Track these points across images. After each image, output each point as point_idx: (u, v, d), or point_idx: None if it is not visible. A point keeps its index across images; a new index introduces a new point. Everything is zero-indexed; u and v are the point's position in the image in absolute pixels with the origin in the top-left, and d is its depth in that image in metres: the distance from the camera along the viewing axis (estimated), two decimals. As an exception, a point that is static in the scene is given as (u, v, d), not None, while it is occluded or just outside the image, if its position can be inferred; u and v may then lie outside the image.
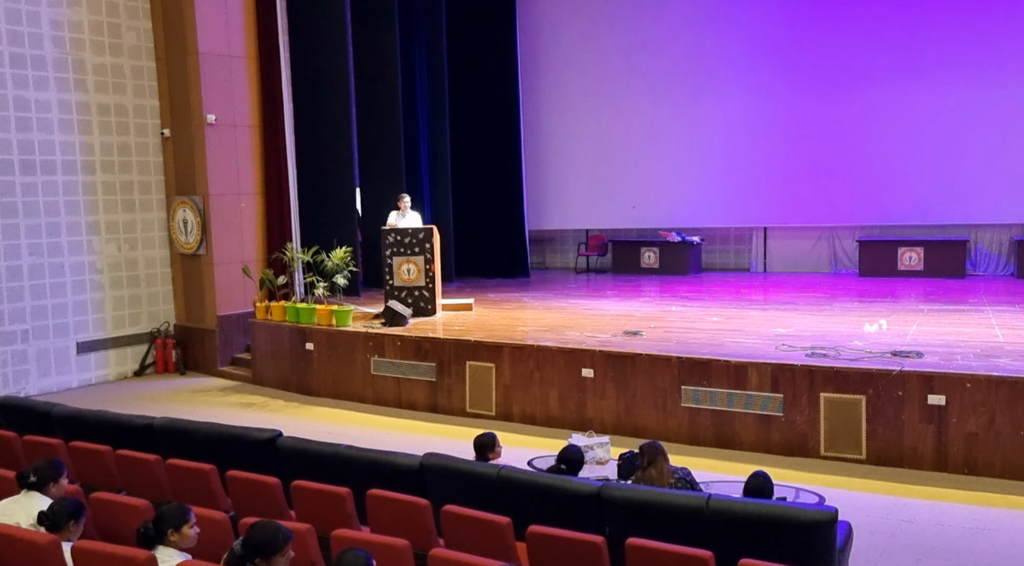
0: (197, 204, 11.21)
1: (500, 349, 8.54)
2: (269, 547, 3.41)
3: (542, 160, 15.74)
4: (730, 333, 8.75)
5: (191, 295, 11.68)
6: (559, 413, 8.20)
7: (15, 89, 10.14)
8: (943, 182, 12.87)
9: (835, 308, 10.30)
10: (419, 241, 10.17)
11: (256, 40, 11.59)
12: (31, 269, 10.34)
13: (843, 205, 13.56)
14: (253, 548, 3.41)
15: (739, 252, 15.00)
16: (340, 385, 9.71)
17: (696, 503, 4.20)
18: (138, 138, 11.45)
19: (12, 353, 10.17)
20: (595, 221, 15.64)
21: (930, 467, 6.64)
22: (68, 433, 5.99)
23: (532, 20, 15.41)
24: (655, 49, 14.65)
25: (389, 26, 13.19)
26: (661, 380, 7.66)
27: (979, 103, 12.57)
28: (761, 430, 7.23)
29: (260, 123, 11.69)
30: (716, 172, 14.32)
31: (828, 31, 13.38)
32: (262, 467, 5.10)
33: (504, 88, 14.89)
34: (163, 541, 3.68)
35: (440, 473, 4.90)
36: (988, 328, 8.55)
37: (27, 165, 10.29)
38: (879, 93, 13.15)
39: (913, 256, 12.92)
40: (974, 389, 6.50)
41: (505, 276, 14.77)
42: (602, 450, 6.74)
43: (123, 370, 11.37)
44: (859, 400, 6.84)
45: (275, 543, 3.43)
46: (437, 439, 7.90)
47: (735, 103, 14.12)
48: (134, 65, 11.36)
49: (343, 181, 12.45)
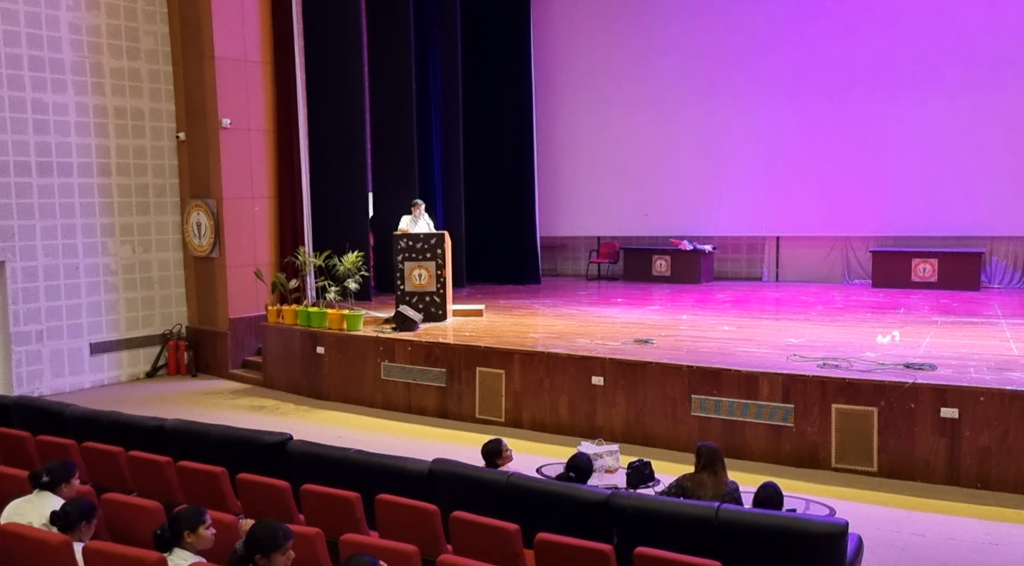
0: (211, 207, 11.28)
1: (510, 355, 8.54)
2: (271, 542, 3.47)
3: (554, 167, 15.75)
4: (741, 342, 8.72)
5: (203, 298, 11.74)
6: (569, 420, 8.19)
7: (33, 92, 10.24)
8: (958, 193, 12.77)
9: (847, 319, 10.25)
10: (431, 246, 10.19)
11: (272, 45, 11.67)
12: (46, 270, 10.43)
13: (856, 215, 13.49)
14: (255, 544, 3.47)
15: (751, 261, 14.94)
16: (350, 389, 9.73)
17: (706, 513, 4.19)
18: (154, 141, 11.54)
19: (27, 353, 10.25)
20: (607, 228, 15.63)
21: (942, 481, 6.59)
22: (81, 434, 6.03)
23: (546, 28, 15.45)
24: (669, 57, 14.65)
25: (404, 33, 13.26)
26: (671, 389, 7.64)
27: (995, 114, 12.48)
28: (771, 440, 7.20)
29: (275, 127, 11.76)
30: (729, 180, 14.29)
31: (845, 41, 13.33)
32: (272, 470, 5.12)
33: (517, 95, 14.92)
34: (179, 543, 3.71)
35: (449, 479, 4.91)
36: (1002, 341, 8.48)
37: (44, 167, 10.38)
38: (895, 103, 13.08)
39: (927, 267, 12.84)
40: (988, 402, 6.45)
41: (516, 282, 14.77)
42: (611, 458, 6.74)
43: (135, 371, 11.44)
44: (871, 412, 6.80)
45: (276, 540, 3.49)
46: (446, 445, 7.91)
47: (748, 111, 14.09)
48: (151, 69, 11.46)
49: (356, 186, 12.50)
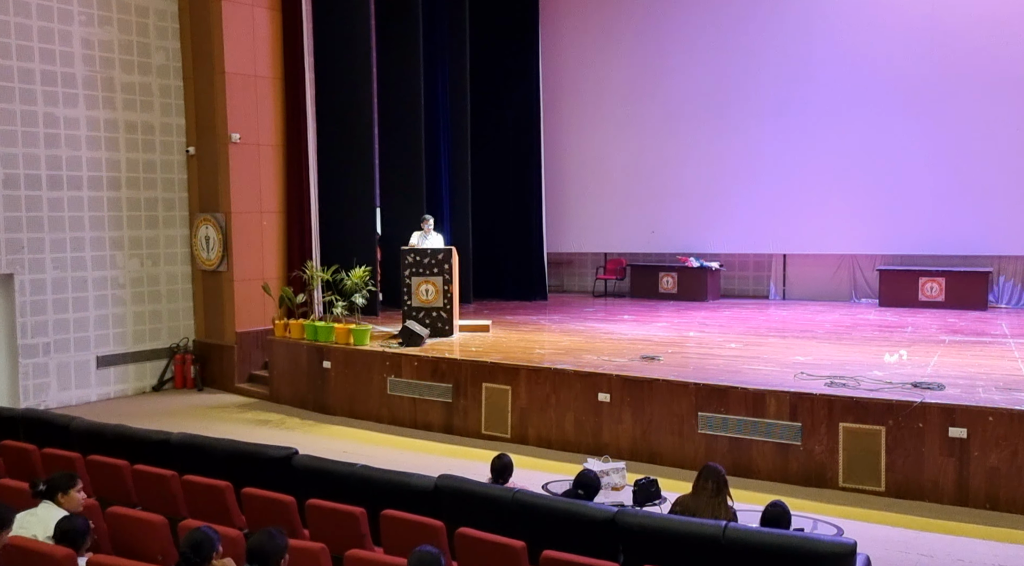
0: (219, 221, 11.33)
1: (517, 371, 8.53)
2: (274, 556, 3.51)
3: (561, 183, 15.80)
4: (748, 360, 8.69)
5: (211, 311, 11.77)
6: (575, 437, 8.16)
7: (45, 106, 10.33)
8: (966, 212, 12.75)
9: (855, 337, 10.21)
10: (438, 262, 10.21)
11: (282, 61, 11.76)
12: (54, 283, 10.47)
13: (864, 233, 13.47)
14: (256, 554, 3.49)
15: (758, 279, 14.92)
16: (356, 404, 9.72)
17: (712, 531, 4.16)
18: (163, 156, 11.61)
19: (33, 366, 10.28)
20: (613, 245, 15.64)
21: (951, 501, 6.54)
22: (86, 447, 6.02)
23: (554, 45, 15.54)
24: (677, 75, 14.72)
25: (413, 50, 13.35)
26: (678, 406, 7.62)
27: (1004, 134, 12.47)
28: (779, 459, 7.16)
29: (283, 142, 11.83)
30: (736, 198, 14.30)
31: (851, 60, 13.37)
32: (277, 485, 5.11)
33: (525, 111, 15.00)
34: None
35: (455, 495, 4.89)
36: (1011, 361, 8.44)
37: (54, 180, 10.45)
38: (902, 122, 13.09)
39: (934, 286, 12.80)
40: (996, 422, 6.41)
41: (523, 298, 14.78)
42: (617, 476, 6.70)
43: (142, 385, 11.45)
44: (879, 431, 6.76)
45: (277, 552, 3.53)
46: (452, 460, 7.88)
47: (756, 129, 14.12)
48: (162, 84, 11.55)
49: (364, 201, 12.55)
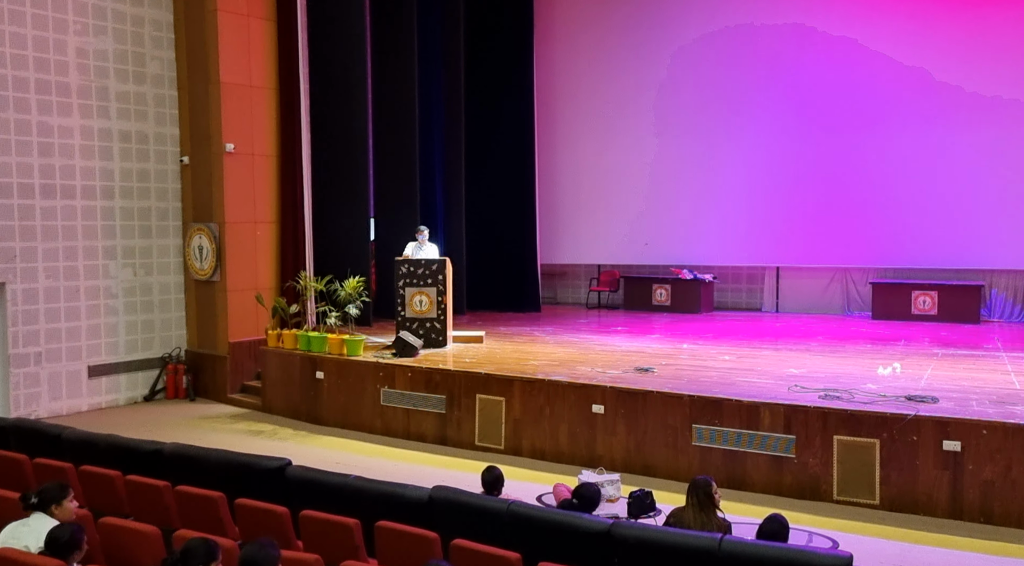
0: (213, 231, 11.30)
1: (510, 383, 8.51)
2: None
3: (555, 195, 15.82)
4: (742, 372, 8.70)
5: (204, 321, 11.72)
6: (569, 448, 8.14)
7: (39, 115, 10.31)
8: (959, 226, 12.82)
9: (848, 350, 10.23)
10: (432, 273, 10.20)
11: (277, 71, 11.77)
12: (47, 292, 10.42)
13: (857, 247, 13.53)
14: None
15: (751, 291, 14.96)
16: (349, 415, 9.68)
17: (708, 545, 4.15)
18: (157, 165, 11.59)
19: (24, 375, 10.21)
20: (607, 257, 15.66)
21: (945, 514, 6.54)
22: (78, 457, 5.98)
23: (549, 58, 15.60)
24: (671, 87, 14.78)
25: (408, 60, 13.39)
26: (672, 418, 7.61)
27: (996, 147, 12.57)
28: (773, 471, 7.15)
29: (278, 152, 11.82)
30: (730, 210, 14.35)
31: (845, 73, 13.45)
32: (271, 496, 5.08)
33: (519, 122, 15.03)
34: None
35: (449, 506, 4.87)
36: (1004, 374, 8.47)
37: (47, 189, 10.41)
38: (895, 135, 13.18)
39: (927, 300, 12.85)
40: (990, 436, 6.42)
41: (516, 310, 14.77)
42: (612, 488, 6.67)
43: (134, 395, 11.38)
44: (873, 444, 6.77)
45: (270, 563, 3.55)
46: (445, 471, 7.86)
47: (750, 142, 14.19)
48: (156, 93, 11.54)
49: (358, 211, 12.53)
